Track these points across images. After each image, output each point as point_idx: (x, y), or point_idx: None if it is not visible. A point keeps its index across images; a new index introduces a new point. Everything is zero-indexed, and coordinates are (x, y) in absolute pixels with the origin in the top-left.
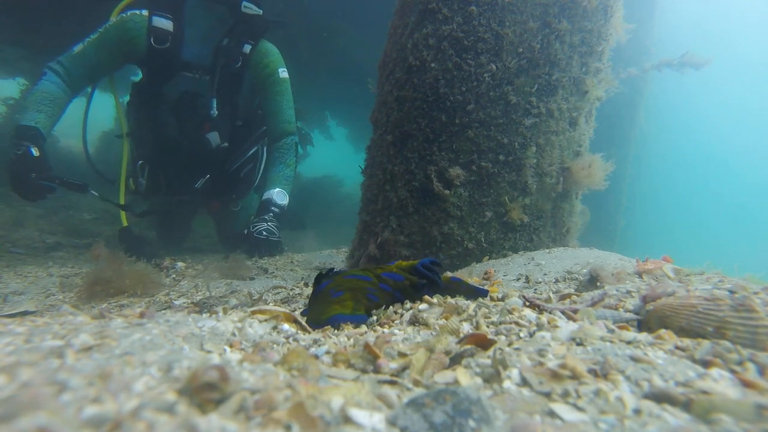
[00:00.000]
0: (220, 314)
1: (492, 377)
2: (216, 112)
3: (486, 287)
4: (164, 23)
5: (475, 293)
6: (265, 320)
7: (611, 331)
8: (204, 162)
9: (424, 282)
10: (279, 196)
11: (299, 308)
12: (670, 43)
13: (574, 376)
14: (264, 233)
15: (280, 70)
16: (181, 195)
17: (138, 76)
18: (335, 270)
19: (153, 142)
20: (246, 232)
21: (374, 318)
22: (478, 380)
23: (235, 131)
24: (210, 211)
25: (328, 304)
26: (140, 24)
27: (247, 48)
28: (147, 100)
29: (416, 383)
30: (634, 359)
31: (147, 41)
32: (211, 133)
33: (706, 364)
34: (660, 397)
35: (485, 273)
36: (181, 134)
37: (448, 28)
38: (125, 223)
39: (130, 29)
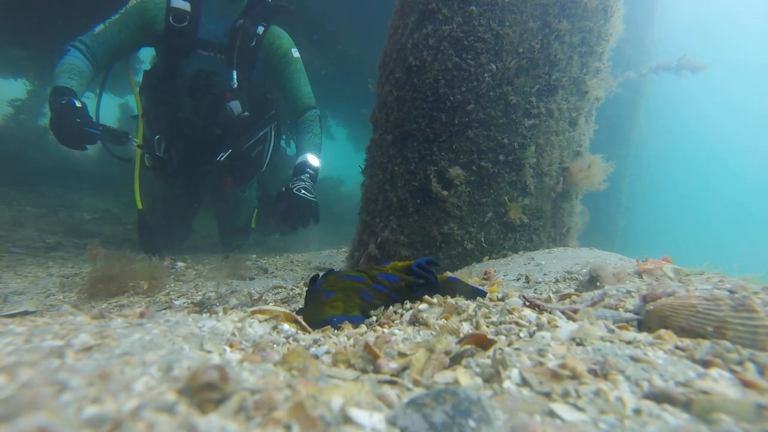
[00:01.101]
0: (220, 314)
1: (492, 377)
2: (236, 83)
3: (486, 287)
4: (182, 4)
5: (473, 293)
6: (265, 320)
7: (611, 331)
8: (220, 138)
9: (421, 282)
10: (313, 159)
11: (298, 308)
12: (670, 43)
13: (574, 376)
14: (303, 192)
15: (293, 50)
16: (202, 166)
17: (147, 68)
18: (333, 270)
19: (168, 123)
20: (284, 189)
21: (374, 318)
22: (478, 380)
23: (251, 107)
24: (221, 191)
25: (320, 305)
26: (160, 5)
27: (260, 29)
28: (162, 81)
29: (416, 383)
30: (634, 359)
31: (166, 21)
32: (233, 102)
33: (706, 364)
34: (660, 397)
35: (485, 273)
36: (196, 113)
37: (448, 28)
38: (140, 206)
39: (150, 9)
